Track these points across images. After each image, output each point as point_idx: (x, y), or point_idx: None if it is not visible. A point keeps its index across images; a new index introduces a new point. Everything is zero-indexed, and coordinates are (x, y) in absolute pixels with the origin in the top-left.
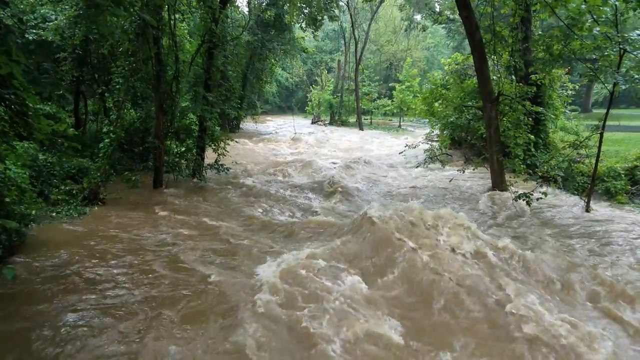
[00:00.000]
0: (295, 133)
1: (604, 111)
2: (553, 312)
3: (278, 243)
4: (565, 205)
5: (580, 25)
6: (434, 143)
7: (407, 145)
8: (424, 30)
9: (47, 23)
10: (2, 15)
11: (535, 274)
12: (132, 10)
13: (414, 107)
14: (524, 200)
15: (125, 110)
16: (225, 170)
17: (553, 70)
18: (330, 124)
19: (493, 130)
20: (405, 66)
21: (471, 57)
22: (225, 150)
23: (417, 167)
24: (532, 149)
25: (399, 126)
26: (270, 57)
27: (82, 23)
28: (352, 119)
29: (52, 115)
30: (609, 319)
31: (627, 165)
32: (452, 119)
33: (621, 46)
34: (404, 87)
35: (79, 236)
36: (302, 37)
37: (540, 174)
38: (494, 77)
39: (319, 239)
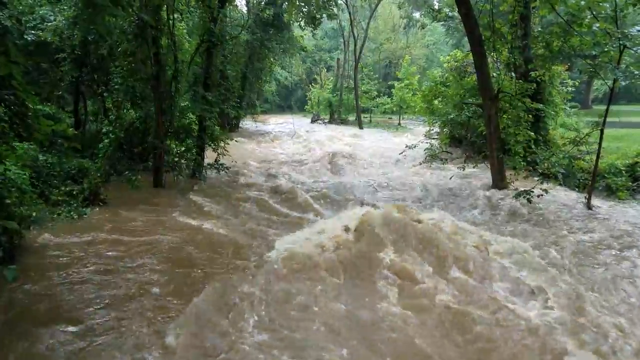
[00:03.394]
0: (295, 132)
1: (604, 107)
2: None
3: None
4: (566, 202)
5: (579, 21)
6: (434, 141)
7: (407, 146)
8: (423, 28)
9: (45, 24)
10: (0, 16)
11: None
12: (130, 10)
13: (413, 105)
14: (524, 197)
15: (125, 111)
16: (225, 170)
17: (553, 67)
18: (330, 122)
19: (493, 128)
20: (404, 64)
21: (470, 54)
22: (225, 150)
23: (418, 164)
24: (532, 146)
25: (399, 124)
26: (269, 56)
27: (80, 24)
28: (352, 117)
29: (51, 115)
30: None
31: (627, 162)
32: (451, 117)
33: (621, 42)
34: (403, 85)
35: (80, 237)
36: (301, 36)
37: (540, 171)
38: (494, 74)
39: None
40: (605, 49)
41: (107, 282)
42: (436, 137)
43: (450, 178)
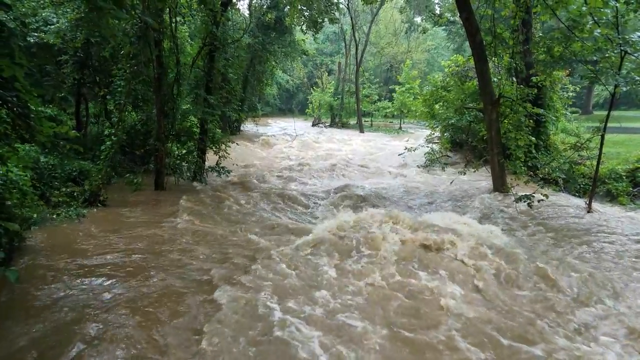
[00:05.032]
0: (296, 135)
1: (604, 113)
2: None
3: (277, 244)
4: (566, 207)
5: (581, 27)
6: (435, 145)
7: (406, 148)
8: (424, 33)
9: (48, 26)
10: (4, 18)
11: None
12: (133, 13)
13: (414, 109)
14: (525, 202)
15: (127, 113)
16: (226, 173)
17: (554, 72)
18: (331, 126)
19: (494, 132)
20: (405, 68)
21: (472, 59)
22: (226, 153)
23: (418, 168)
24: (533, 151)
25: (400, 128)
26: (270, 60)
27: (83, 26)
28: (353, 121)
29: (53, 117)
30: None
31: (628, 167)
32: (452, 121)
33: (622, 48)
34: (404, 89)
35: (79, 238)
36: (303, 40)
37: (541, 175)
38: (495, 79)
39: None
40: (606, 55)
41: (103, 282)
42: (437, 141)
43: (451, 182)
